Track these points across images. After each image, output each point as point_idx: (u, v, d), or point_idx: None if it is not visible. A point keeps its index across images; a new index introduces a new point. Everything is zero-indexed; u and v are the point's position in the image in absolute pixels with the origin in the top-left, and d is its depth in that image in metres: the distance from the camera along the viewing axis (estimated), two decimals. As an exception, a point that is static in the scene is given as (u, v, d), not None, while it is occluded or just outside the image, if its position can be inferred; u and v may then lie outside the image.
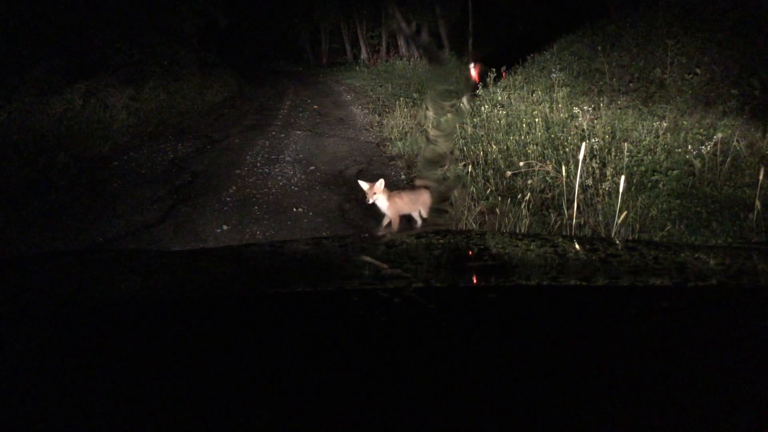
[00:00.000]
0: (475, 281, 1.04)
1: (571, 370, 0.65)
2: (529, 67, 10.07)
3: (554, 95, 7.66)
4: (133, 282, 1.20)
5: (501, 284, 0.98)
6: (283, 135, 9.24)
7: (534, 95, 8.15)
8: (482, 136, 7.22)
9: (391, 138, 8.26)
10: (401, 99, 11.70)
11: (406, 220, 4.39)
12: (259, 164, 7.05)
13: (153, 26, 15.16)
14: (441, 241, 1.44)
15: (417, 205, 4.29)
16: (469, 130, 7.27)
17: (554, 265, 1.19)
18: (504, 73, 13.24)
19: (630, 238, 3.77)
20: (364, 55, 25.16)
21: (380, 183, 4.15)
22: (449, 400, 0.60)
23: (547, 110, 7.16)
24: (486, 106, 7.92)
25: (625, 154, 4.74)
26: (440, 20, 22.49)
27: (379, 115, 10.78)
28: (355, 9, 24.83)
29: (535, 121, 6.59)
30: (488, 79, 9.92)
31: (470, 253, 1.35)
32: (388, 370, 0.66)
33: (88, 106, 10.21)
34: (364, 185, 4.21)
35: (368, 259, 1.29)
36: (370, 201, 4.17)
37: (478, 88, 12.55)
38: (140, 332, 0.81)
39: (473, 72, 15.14)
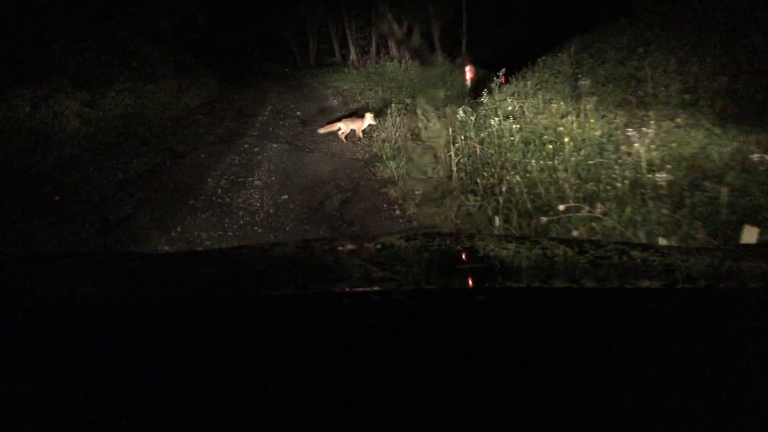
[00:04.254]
0: (464, 283, 1.00)
1: (561, 373, 0.63)
2: (541, 71, 8.62)
3: (580, 106, 6.23)
4: (122, 284, 1.15)
5: (491, 287, 0.97)
6: (257, 149, 7.77)
7: (552, 105, 6.72)
8: (492, 155, 5.81)
9: (381, 155, 6.83)
10: (393, 105, 10.28)
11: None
12: (220, 191, 5.59)
13: (123, 25, 13.61)
14: (431, 243, 1.40)
15: None
16: (478, 149, 5.84)
17: (544, 268, 1.18)
18: (503, 78, 11.90)
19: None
20: (352, 56, 23.66)
21: None
22: (439, 402, 0.58)
23: (575, 126, 5.74)
24: (496, 118, 6.49)
25: (723, 203, 3.26)
26: (432, 20, 21.09)
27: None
28: (344, 8, 23.32)
29: (562, 141, 5.18)
30: (493, 85, 8.50)
31: (460, 255, 1.30)
32: (378, 373, 0.64)
33: (38, 114, 8.69)
34: None
35: (358, 261, 1.25)
36: None
37: (476, 94, 11.19)
38: (129, 335, 0.79)
39: (468, 75, 13.80)
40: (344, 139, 8.05)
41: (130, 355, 0.71)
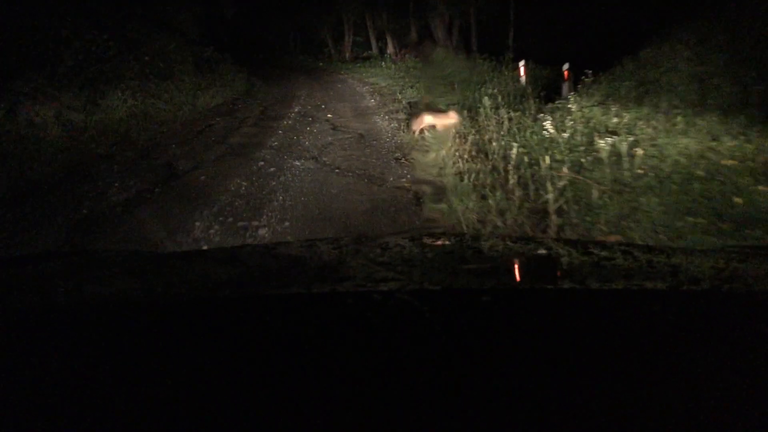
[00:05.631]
0: (469, 284, 0.97)
1: (565, 374, 0.62)
2: (642, 70, 6.46)
3: (737, 124, 4.13)
4: (126, 283, 1.13)
5: (495, 287, 0.95)
6: (273, 168, 5.90)
7: (679, 119, 4.61)
8: (603, 194, 3.79)
9: (437, 183, 4.87)
10: (445, 107, 8.29)
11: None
12: (205, 247, 3.72)
13: (138, 14, 11.90)
14: (435, 243, 1.37)
15: None
16: (595, 193, 3.81)
17: (548, 268, 1.17)
18: (566, 73, 9.88)
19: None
20: (390, 49, 21.64)
21: None
22: (442, 403, 0.57)
23: (746, 156, 3.65)
24: (608, 138, 4.43)
25: None
26: (472, 10, 18.78)
27: (411, 134, 7.35)
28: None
29: (729, 180, 3.12)
30: (580, 86, 6.42)
31: (464, 255, 1.28)
32: (382, 373, 0.63)
33: (16, 120, 6.99)
34: None
35: (362, 261, 1.21)
36: None
37: (539, 96, 9.20)
38: (133, 334, 0.77)
39: (522, 72, 11.69)
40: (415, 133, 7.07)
41: (133, 355, 0.69)
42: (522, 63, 11.48)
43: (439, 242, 1.38)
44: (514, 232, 3.74)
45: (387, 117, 9.15)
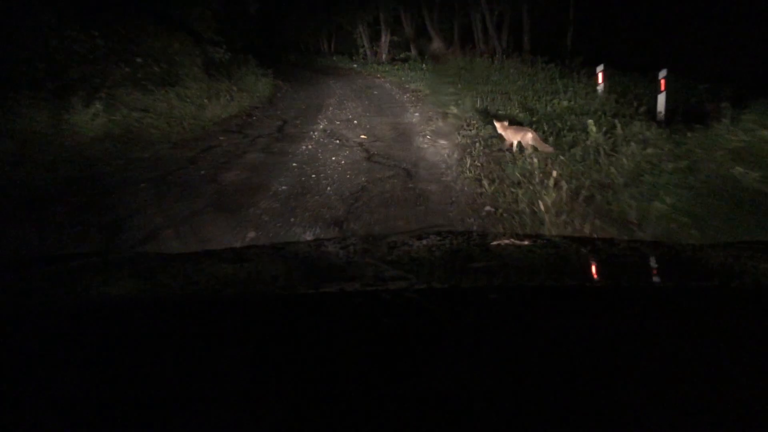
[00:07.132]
0: (477, 282, 0.94)
1: (573, 372, 0.59)
2: None
3: None
4: (135, 285, 1.11)
5: (503, 285, 0.92)
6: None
7: None
8: None
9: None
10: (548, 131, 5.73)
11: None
12: None
13: (142, 8, 9.63)
14: (443, 242, 1.34)
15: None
16: None
17: (556, 266, 1.13)
18: (662, 82, 7.39)
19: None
20: (431, 50, 19.02)
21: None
22: (450, 402, 0.55)
23: None
24: None
25: None
26: (525, 5, 15.99)
27: (485, 177, 4.79)
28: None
29: None
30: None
31: (472, 254, 1.25)
32: (390, 372, 0.61)
33: None
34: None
35: (370, 260, 1.18)
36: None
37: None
38: (142, 335, 0.74)
39: (600, 79, 9.07)
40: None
41: (141, 355, 0.67)
42: (600, 68, 8.84)
43: (447, 241, 1.33)
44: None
45: (438, 140, 6.63)
